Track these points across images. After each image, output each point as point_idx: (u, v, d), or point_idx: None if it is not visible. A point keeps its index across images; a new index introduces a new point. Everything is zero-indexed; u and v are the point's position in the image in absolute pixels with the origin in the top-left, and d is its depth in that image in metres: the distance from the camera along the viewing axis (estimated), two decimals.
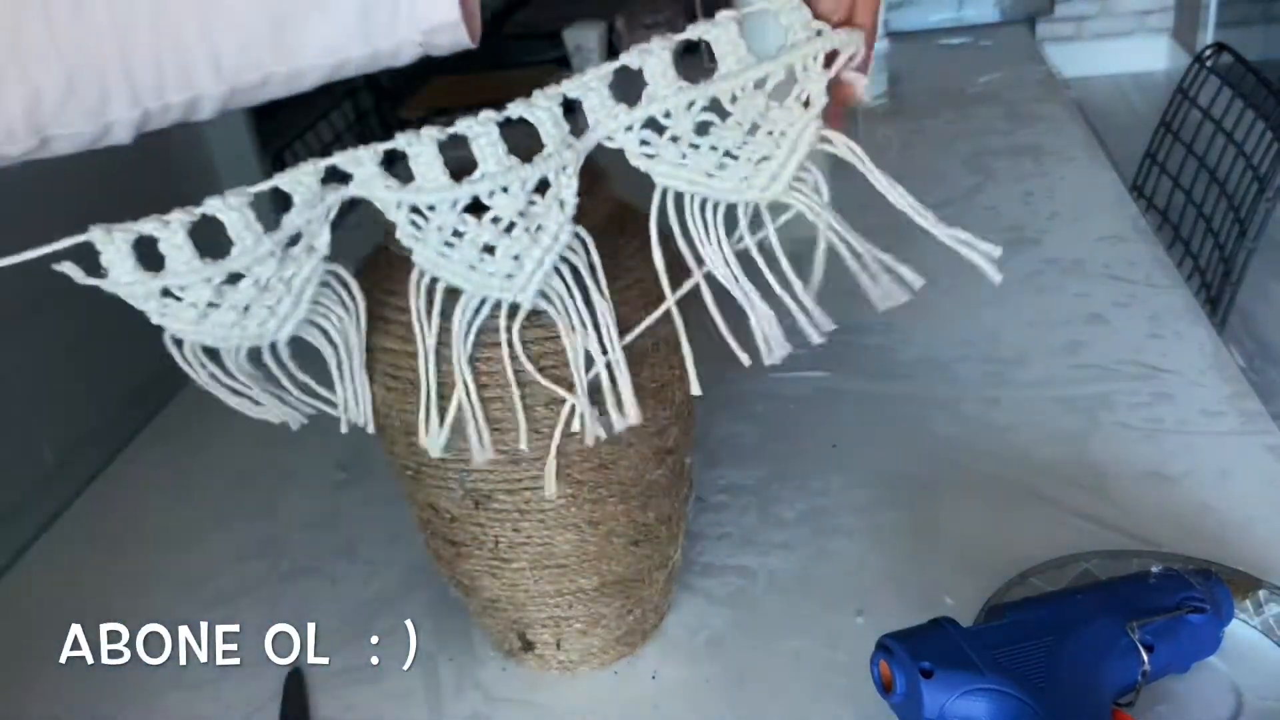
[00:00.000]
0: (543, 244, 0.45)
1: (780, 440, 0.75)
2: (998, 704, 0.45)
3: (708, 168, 0.46)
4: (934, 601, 0.59)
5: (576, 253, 0.46)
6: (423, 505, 0.52)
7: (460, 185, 0.44)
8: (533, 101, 0.43)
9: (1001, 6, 1.63)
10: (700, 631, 0.60)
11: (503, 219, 0.44)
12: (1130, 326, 0.82)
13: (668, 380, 0.51)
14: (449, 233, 0.45)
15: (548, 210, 0.45)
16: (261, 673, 0.60)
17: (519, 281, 0.45)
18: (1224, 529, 0.61)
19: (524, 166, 0.44)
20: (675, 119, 0.44)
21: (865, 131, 1.38)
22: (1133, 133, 2.46)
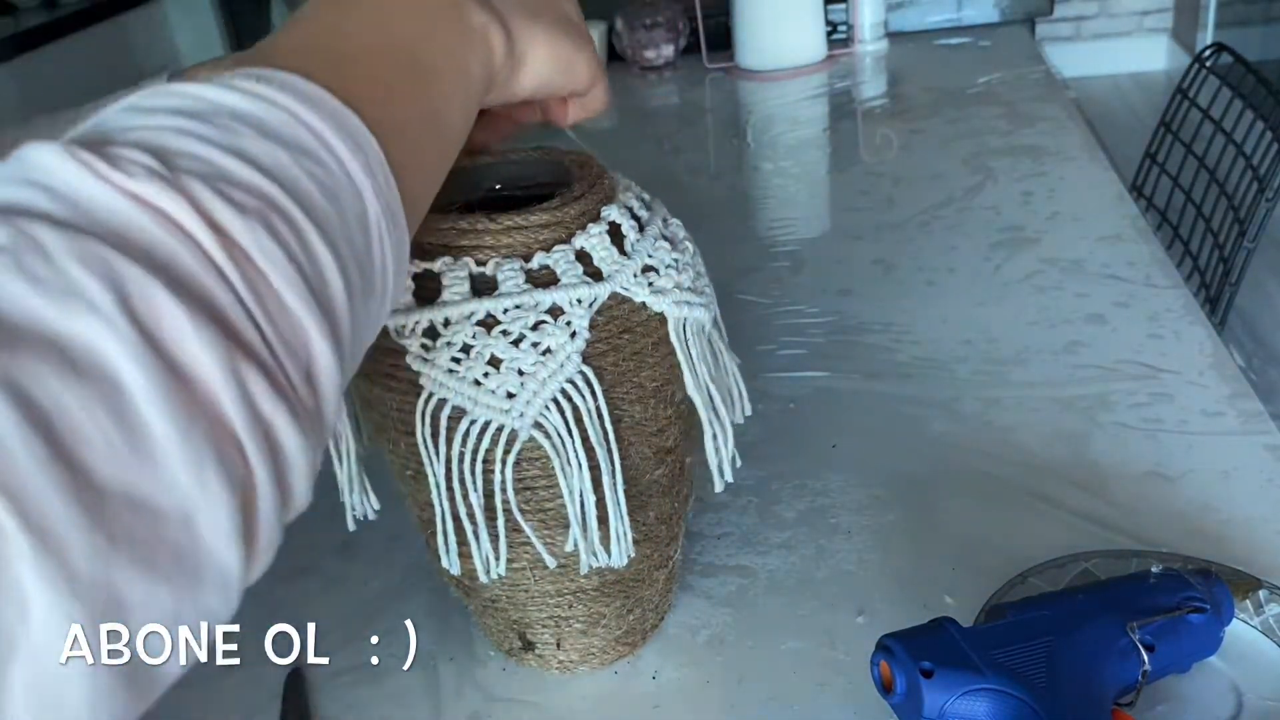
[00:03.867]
0: (548, 367, 0.46)
1: (779, 440, 0.75)
2: (998, 704, 0.45)
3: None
4: (934, 601, 0.59)
5: (581, 392, 0.47)
6: (423, 505, 0.52)
7: (481, 300, 0.46)
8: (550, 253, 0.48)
9: (1001, 7, 1.63)
10: (700, 631, 0.60)
11: (512, 332, 0.46)
12: (1130, 326, 0.82)
13: (668, 380, 0.51)
14: (458, 348, 0.46)
15: (557, 334, 0.46)
16: (261, 673, 0.60)
17: (519, 404, 0.46)
18: (1224, 529, 0.62)
19: (539, 292, 0.46)
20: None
21: (865, 132, 1.38)
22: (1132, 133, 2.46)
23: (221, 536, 0.27)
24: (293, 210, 0.30)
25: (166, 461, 0.25)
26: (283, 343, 0.29)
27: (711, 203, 1.21)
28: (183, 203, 0.27)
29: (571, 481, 0.48)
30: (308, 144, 0.32)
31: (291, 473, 0.30)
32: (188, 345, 0.26)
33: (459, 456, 0.48)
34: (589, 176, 0.51)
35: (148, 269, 0.26)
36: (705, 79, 1.60)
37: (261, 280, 0.29)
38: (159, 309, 0.26)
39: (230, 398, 0.27)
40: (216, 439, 0.27)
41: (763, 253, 1.04)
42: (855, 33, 1.57)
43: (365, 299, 0.34)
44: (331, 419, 0.32)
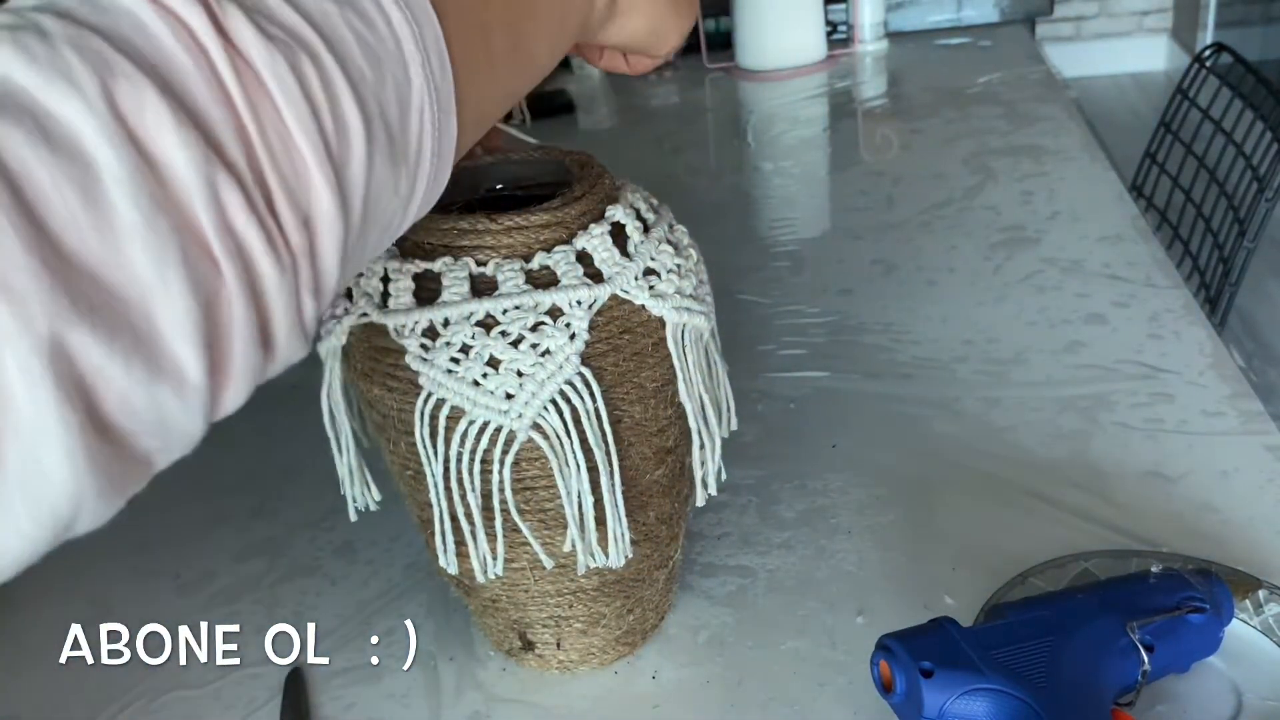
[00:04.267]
0: (547, 368, 0.46)
1: (779, 440, 0.75)
2: (998, 704, 0.45)
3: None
4: (934, 601, 0.59)
5: (580, 393, 0.47)
6: (422, 505, 0.52)
7: (481, 300, 0.46)
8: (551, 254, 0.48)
9: (1001, 6, 1.63)
10: (700, 631, 0.60)
11: (511, 333, 0.46)
12: (1130, 326, 0.82)
13: (668, 380, 0.51)
14: (457, 348, 0.46)
15: (557, 335, 0.46)
16: (261, 673, 0.60)
17: (517, 405, 0.46)
18: (1224, 529, 0.62)
19: (539, 292, 0.46)
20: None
21: (865, 131, 1.38)
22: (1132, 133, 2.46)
23: (180, 335, 0.27)
24: (325, 58, 0.30)
25: (129, 245, 0.25)
26: (277, 174, 0.29)
27: (712, 203, 1.21)
28: (204, 16, 0.28)
29: (570, 483, 0.48)
30: (360, 2, 0.32)
31: (268, 302, 0.29)
32: (165, 142, 0.26)
33: (457, 456, 0.48)
34: (590, 177, 0.51)
35: (142, 68, 0.26)
36: (705, 79, 1.60)
37: (268, 108, 0.29)
38: (143, 103, 0.26)
39: (203, 202, 0.27)
40: (182, 236, 0.26)
41: (763, 252, 1.04)
42: (855, 33, 1.57)
43: (392, 165, 0.33)
44: (330, 274, 0.31)
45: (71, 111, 0.25)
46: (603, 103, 1.61)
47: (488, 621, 0.59)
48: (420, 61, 0.33)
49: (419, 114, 0.34)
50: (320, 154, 0.30)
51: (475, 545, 0.51)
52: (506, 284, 0.46)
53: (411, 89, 0.33)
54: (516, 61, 0.40)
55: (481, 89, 0.37)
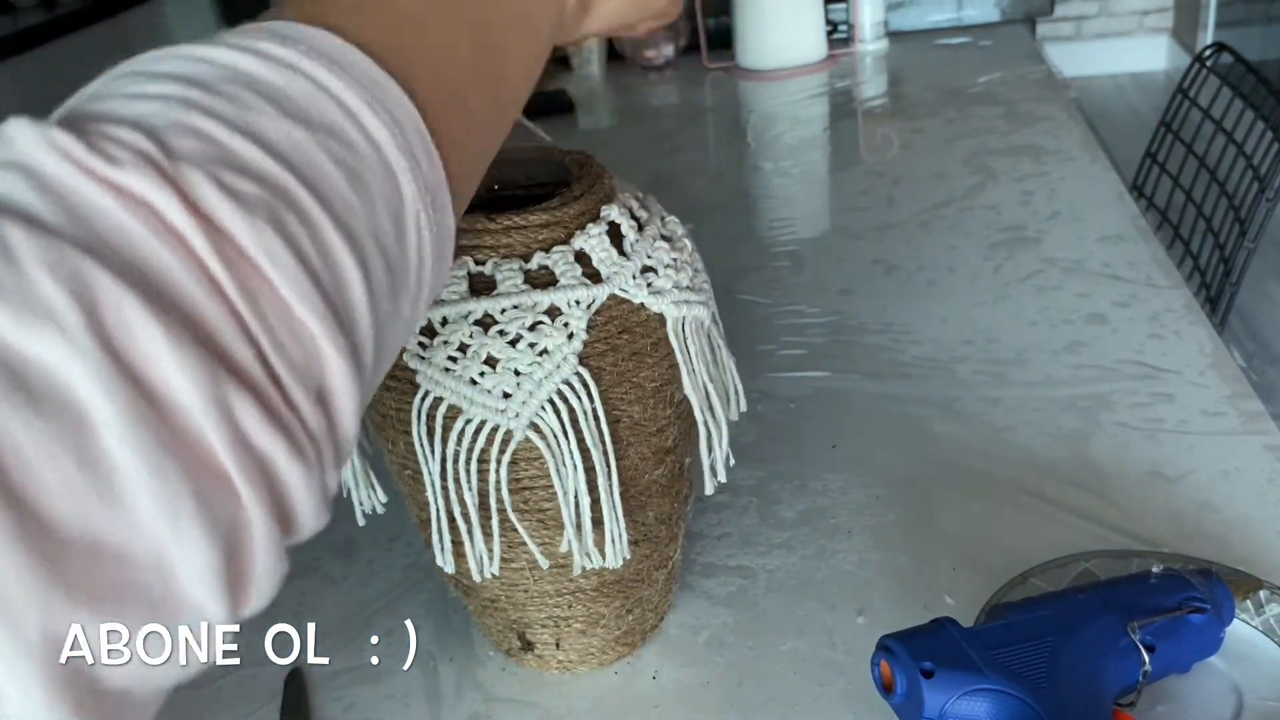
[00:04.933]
0: (545, 367, 0.46)
1: (780, 440, 0.75)
2: (999, 704, 0.45)
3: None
4: (934, 601, 0.59)
5: (577, 393, 0.47)
6: (421, 505, 0.52)
7: (479, 299, 0.46)
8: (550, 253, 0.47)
9: (1001, 6, 1.63)
10: (700, 632, 0.60)
11: (509, 332, 0.46)
12: (1130, 326, 0.82)
13: (667, 379, 0.51)
14: (455, 347, 0.46)
15: (554, 334, 0.46)
16: (261, 673, 0.60)
17: (514, 404, 0.46)
18: (1225, 529, 0.61)
19: (537, 292, 0.46)
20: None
21: (865, 131, 1.38)
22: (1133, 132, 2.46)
23: (199, 583, 0.24)
24: (307, 202, 0.27)
25: (135, 504, 0.22)
26: (285, 360, 0.26)
27: (712, 203, 1.21)
28: (173, 197, 0.24)
29: (567, 483, 0.48)
30: (333, 120, 0.28)
31: (295, 504, 0.27)
32: (164, 369, 0.23)
33: (454, 455, 0.48)
34: (588, 176, 0.51)
35: (124, 279, 0.23)
36: (706, 78, 1.60)
37: (264, 288, 0.25)
38: (132, 327, 0.23)
39: (215, 429, 0.24)
40: (195, 476, 0.23)
41: (763, 252, 1.04)
42: (856, 32, 1.57)
43: (395, 298, 0.30)
44: (350, 438, 0.29)
45: (54, 355, 0.22)
46: (603, 103, 1.61)
47: (487, 622, 0.59)
48: (408, 167, 0.30)
49: (415, 226, 0.30)
50: (327, 320, 0.26)
51: (472, 545, 0.51)
52: (505, 283, 0.46)
53: (404, 202, 0.30)
54: (498, 111, 0.36)
55: (468, 157, 0.34)
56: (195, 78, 0.27)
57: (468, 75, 0.34)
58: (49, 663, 0.21)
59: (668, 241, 0.51)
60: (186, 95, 0.27)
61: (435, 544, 0.52)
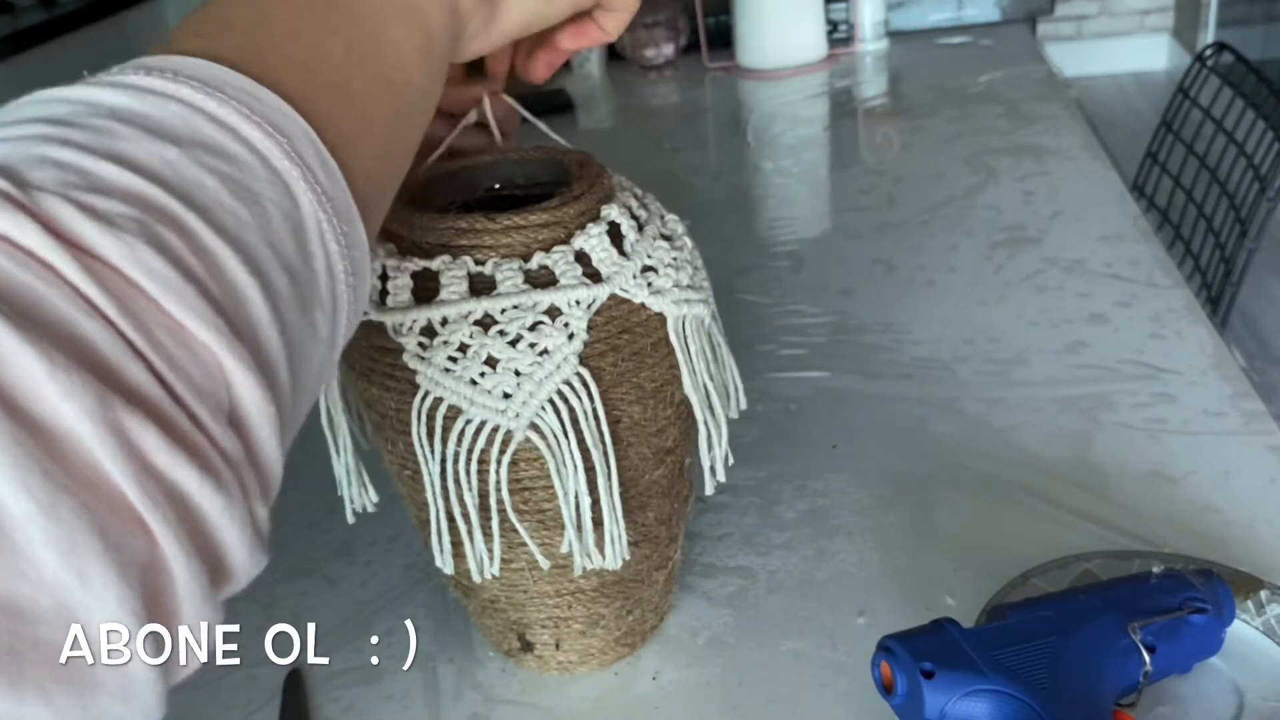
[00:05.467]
0: (545, 368, 0.46)
1: (780, 440, 0.75)
2: (999, 705, 0.44)
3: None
4: (935, 602, 0.59)
5: (578, 393, 0.47)
6: (420, 505, 0.52)
7: (480, 299, 0.46)
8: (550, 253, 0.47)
9: (1002, 6, 1.63)
10: (701, 632, 0.60)
11: (509, 332, 0.46)
12: (1131, 326, 0.82)
13: (667, 380, 0.51)
14: (455, 347, 0.46)
15: (555, 335, 0.46)
16: (261, 673, 0.60)
17: (514, 404, 0.46)
18: (1226, 529, 0.61)
19: (537, 292, 0.46)
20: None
21: (865, 131, 1.38)
22: (1134, 132, 2.46)
23: (115, 635, 0.22)
24: (185, 216, 0.25)
25: (27, 546, 0.20)
26: (183, 379, 0.24)
27: (712, 202, 1.20)
28: (29, 224, 0.23)
29: (567, 483, 0.48)
30: (209, 137, 0.27)
31: (219, 538, 0.25)
32: (45, 397, 0.21)
33: (454, 456, 0.48)
34: (588, 176, 0.51)
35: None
36: (705, 78, 1.60)
37: (147, 306, 0.24)
38: (5, 358, 0.21)
39: (110, 456, 0.22)
40: (94, 512, 0.21)
41: (763, 252, 1.04)
42: (856, 32, 1.57)
43: (305, 312, 0.28)
44: (274, 466, 0.27)
45: None
46: (602, 102, 1.61)
47: (486, 622, 0.59)
48: (300, 175, 0.28)
49: (318, 238, 0.29)
50: (224, 334, 0.25)
51: (472, 545, 0.51)
52: (505, 283, 0.46)
53: (301, 211, 0.28)
54: (392, 103, 0.34)
55: (367, 159, 0.32)
56: (56, 116, 0.26)
57: (348, 72, 0.33)
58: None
59: (668, 240, 0.51)
60: (45, 132, 0.25)
61: (435, 545, 0.52)
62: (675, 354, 0.50)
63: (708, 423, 0.52)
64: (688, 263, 0.51)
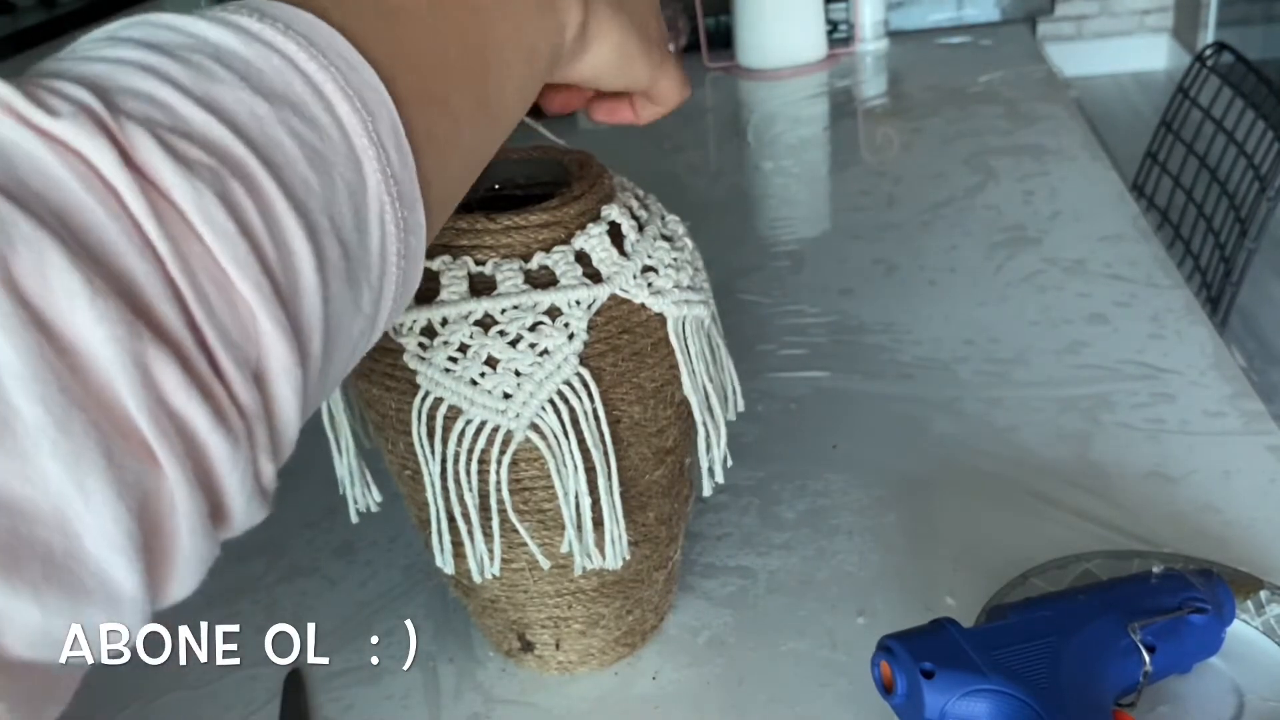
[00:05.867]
0: (545, 368, 0.46)
1: (780, 440, 0.75)
2: (999, 705, 0.44)
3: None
4: (935, 602, 0.59)
5: (578, 393, 0.47)
6: (420, 505, 0.52)
7: (480, 300, 0.46)
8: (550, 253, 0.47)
9: (1002, 5, 1.63)
10: (701, 632, 0.60)
11: (509, 333, 0.45)
12: (1131, 326, 0.82)
13: (667, 380, 0.51)
14: (455, 347, 0.46)
15: (555, 335, 0.46)
16: (261, 673, 0.60)
17: (514, 404, 0.46)
18: (1226, 529, 0.61)
19: (538, 292, 0.46)
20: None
21: (866, 131, 1.38)
22: (1134, 132, 2.46)
23: (108, 546, 0.23)
24: (259, 174, 0.26)
25: (36, 454, 0.21)
26: (217, 329, 0.24)
27: (712, 202, 1.20)
28: (110, 150, 0.23)
29: (567, 483, 0.48)
30: (299, 96, 0.28)
31: (221, 482, 0.25)
32: (79, 320, 0.22)
33: (454, 456, 0.48)
34: (589, 176, 0.51)
35: (45, 226, 0.22)
36: (706, 78, 1.60)
37: (201, 254, 0.24)
38: (48, 272, 0.22)
39: (129, 386, 0.22)
40: (105, 433, 0.22)
41: (763, 252, 1.04)
42: (856, 31, 1.57)
43: (352, 287, 0.29)
44: (290, 427, 0.27)
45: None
46: None
47: (487, 622, 0.59)
48: (375, 155, 0.29)
49: (378, 218, 0.29)
50: (266, 295, 0.25)
51: (472, 545, 0.51)
52: (505, 284, 0.46)
53: (367, 191, 0.29)
54: (485, 119, 0.36)
55: (449, 163, 0.33)
56: (160, 43, 0.27)
57: (453, 79, 0.33)
58: None
59: (668, 241, 0.51)
60: (145, 59, 0.26)
61: (435, 545, 0.52)
62: (675, 354, 0.50)
63: (707, 424, 0.52)
64: (688, 263, 0.51)
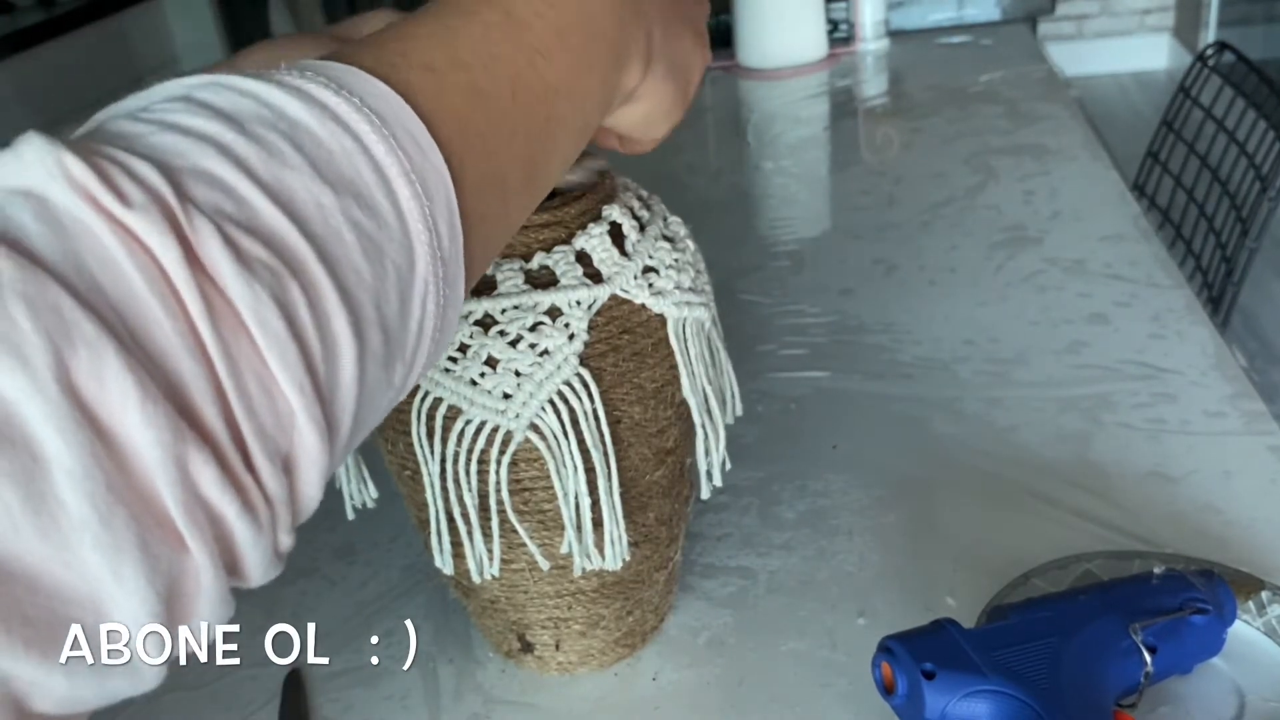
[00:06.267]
0: (545, 368, 0.46)
1: (780, 440, 0.75)
2: (1000, 705, 0.44)
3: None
4: (936, 602, 0.59)
5: (578, 394, 0.46)
6: (420, 505, 0.52)
7: (480, 300, 0.45)
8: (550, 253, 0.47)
9: (1002, 5, 1.63)
10: (701, 633, 0.60)
11: (509, 333, 0.45)
12: (1132, 326, 0.82)
13: (668, 380, 0.51)
14: (455, 347, 0.46)
15: (555, 335, 0.46)
16: (261, 673, 0.60)
17: (514, 405, 0.46)
18: (1226, 529, 0.61)
19: (538, 293, 0.46)
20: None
21: (866, 131, 1.38)
22: (1134, 132, 2.46)
23: (135, 626, 0.24)
24: (314, 270, 0.26)
25: (77, 544, 0.22)
26: (255, 426, 0.25)
27: (712, 202, 1.20)
28: (176, 248, 0.24)
29: (567, 484, 0.48)
30: (365, 183, 0.28)
31: (243, 560, 0.27)
32: (128, 421, 0.23)
33: (454, 456, 0.48)
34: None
35: (104, 326, 0.23)
36: (706, 77, 1.59)
37: (250, 354, 0.25)
38: (105, 376, 0.22)
39: (169, 485, 0.24)
40: (142, 525, 0.23)
41: (763, 252, 1.04)
42: (856, 31, 1.57)
43: (388, 368, 0.29)
44: (311, 502, 0.28)
45: (14, 391, 0.21)
46: None
47: (486, 623, 0.59)
48: (428, 240, 0.29)
49: (420, 300, 0.30)
50: (308, 395, 0.26)
51: (472, 546, 0.50)
52: (505, 284, 0.46)
53: (415, 275, 0.29)
54: (532, 193, 0.36)
55: (493, 238, 0.34)
56: (236, 114, 0.27)
57: (514, 161, 0.34)
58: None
59: (670, 242, 0.51)
60: (220, 136, 0.26)
61: (434, 545, 0.52)
62: (675, 355, 0.50)
63: (705, 426, 0.52)
64: (690, 265, 0.51)
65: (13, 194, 0.24)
